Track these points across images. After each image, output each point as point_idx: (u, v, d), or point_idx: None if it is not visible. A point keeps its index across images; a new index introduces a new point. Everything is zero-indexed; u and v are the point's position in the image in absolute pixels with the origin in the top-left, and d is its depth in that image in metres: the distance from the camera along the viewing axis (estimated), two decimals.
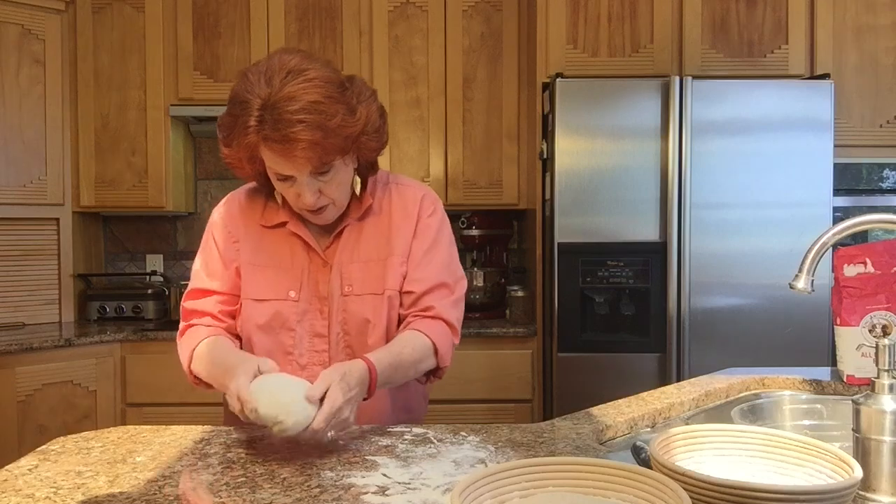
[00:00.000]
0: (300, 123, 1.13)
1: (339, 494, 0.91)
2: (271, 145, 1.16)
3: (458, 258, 1.41)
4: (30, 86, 2.95)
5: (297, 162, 1.17)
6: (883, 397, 0.92)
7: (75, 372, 2.67)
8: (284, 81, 1.15)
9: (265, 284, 1.32)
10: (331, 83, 1.18)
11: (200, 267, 1.37)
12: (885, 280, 1.39)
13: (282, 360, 1.30)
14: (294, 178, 1.22)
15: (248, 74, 1.19)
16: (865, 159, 2.80)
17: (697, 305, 2.53)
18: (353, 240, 1.34)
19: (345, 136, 1.19)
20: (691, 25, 2.76)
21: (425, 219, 1.36)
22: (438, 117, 3.08)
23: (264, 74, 1.17)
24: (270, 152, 1.18)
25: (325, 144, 1.16)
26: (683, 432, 0.92)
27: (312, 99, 1.14)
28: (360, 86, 1.26)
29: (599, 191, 2.54)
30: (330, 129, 1.16)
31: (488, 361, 2.80)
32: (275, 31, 3.05)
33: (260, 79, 1.16)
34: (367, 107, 1.24)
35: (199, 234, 1.42)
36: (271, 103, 1.14)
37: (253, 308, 1.31)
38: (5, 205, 2.90)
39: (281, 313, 1.30)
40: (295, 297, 1.31)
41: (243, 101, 1.17)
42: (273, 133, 1.14)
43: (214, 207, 1.42)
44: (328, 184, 1.23)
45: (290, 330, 1.31)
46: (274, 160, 1.20)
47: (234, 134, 1.20)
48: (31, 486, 0.95)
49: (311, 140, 1.14)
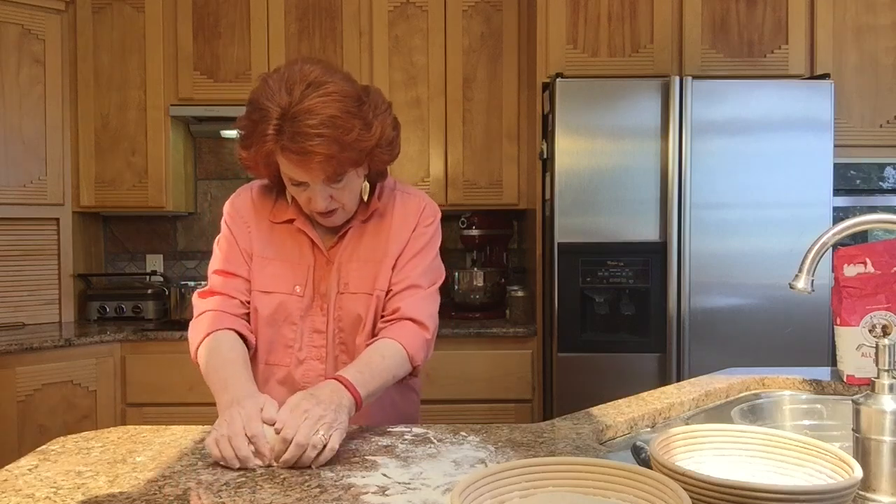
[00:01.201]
0: (318, 137, 1.17)
1: (339, 494, 0.91)
2: (288, 155, 1.21)
3: (440, 260, 1.43)
4: (30, 86, 2.95)
5: (313, 172, 1.22)
6: (883, 397, 0.92)
7: (75, 372, 2.67)
8: (304, 93, 1.18)
9: (273, 277, 1.35)
10: (349, 98, 1.21)
11: (218, 250, 1.40)
12: (885, 280, 1.39)
13: (282, 352, 1.34)
14: (307, 185, 1.26)
15: (269, 81, 1.21)
16: (865, 159, 2.80)
17: (697, 305, 2.53)
18: (356, 240, 1.38)
19: (360, 149, 1.23)
20: (691, 25, 2.76)
21: (422, 227, 1.40)
22: (438, 117, 3.08)
23: (285, 83, 1.19)
24: (287, 161, 1.23)
25: (341, 158, 1.20)
26: (683, 432, 0.92)
27: (330, 113, 1.17)
28: (376, 99, 1.29)
29: (599, 191, 2.54)
30: (346, 144, 1.20)
31: (488, 361, 2.80)
32: (275, 31, 3.05)
33: (281, 87, 1.19)
34: (382, 121, 1.27)
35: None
36: (290, 115, 1.17)
37: (259, 299, 1.35)
38: (5, 205, 2.90)
39: (286, 307, 1.34)
40: (300, 292, 1.34)
41: (263, 108, 1.19)
42: (291, 144, 1.18)
43: (228, 200, 1.45)
44: (340, 191, 1.28)
45: (292, 324, 1.34)
46: (290, 168, 1.24)
47: (252, 140, 1.24)
48: (31, 486, 0.95)
49: (328, 154, 1.18)
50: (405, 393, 1.47)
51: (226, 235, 1.40)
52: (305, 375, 1.34)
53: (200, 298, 1.37)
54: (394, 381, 1.28)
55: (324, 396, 1.10)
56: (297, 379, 1.34)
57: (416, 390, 1.52)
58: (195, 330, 1.33)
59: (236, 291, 1.36)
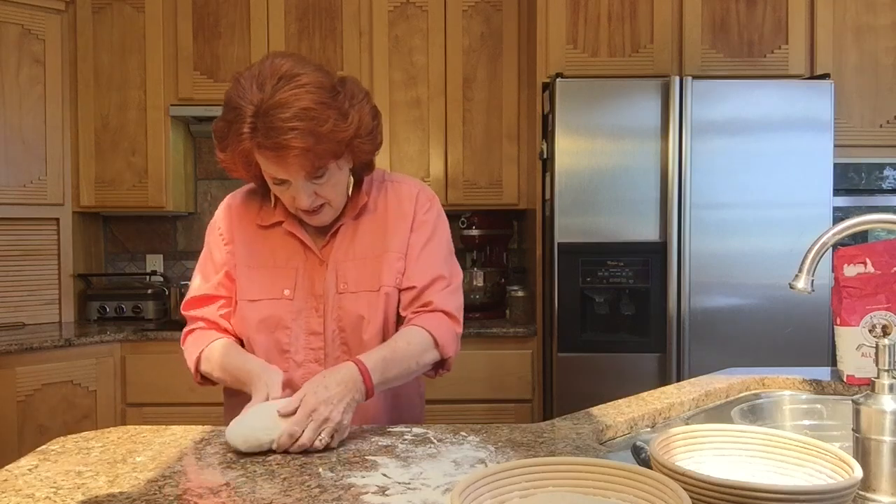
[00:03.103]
0: (292, 131, 1.15)
1: (339, 494, 0.91)
2: (265, 152, 1.19)
3: (454, 253, 1.43)
4: (30, 86, 2.95)
5: (291, 168, 1.20)
6: (883, 397, 0.92)
7: (75, 372, 2.67)
8: (276, 87, 1.16)
9: (259, 285, 1.34)
10: (322, 88, 1.19)
11: (198, 273, 1.42)
12: (885, 280, 1.39)
13: (278, 358, 1.32)
14: (290, 182, 1.24)
15: (241, 80, 1.20)
16: (865, 159, 2.80)
17: (697, 305, 2.53)
18: (349, 238, 1.35)
19: (337, 140, 1.20)
20: (691, 25, 2.76)
21: (422, 215, 1.38)
22: (438, 117, 3.08)
23: (256, 79, 1.18)
24: (264, 158, 1.21)
25: (318, 150, 1.18)
26: (683, 432, 0.92)
27: (304, 105, 1.16)
28: (352, 88, 1.26)
29: (599, 191, 2.54)
30: (322, 135, 1.17)
31: (488, 361, 2.80)
32: (275, 31, 3.05)
33: (252, 84, 1.18)
34: (359, 110, 1.25)
35: (199, 234, 1.45)
36: (263, 110, 1.16)
37: (248, 308, 1.33)
38: (5, 205, 2.90)
39: (276, 312, 1.32)
40: (290, 295, 1.32)
41: (236, 108, 1.18)
42: (266, 140, 1.16)
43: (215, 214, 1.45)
44: (323, 186, 1.26)
45: (285, 328, 1.32)
46: (268, 166, 1.22)
47: (228, 140, 1.22)
48: (31, 486, 0.95)
49: (304, 147, 1.16)
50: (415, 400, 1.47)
51: (208, 256, 1.41)
52: (305, 378, 1.31)
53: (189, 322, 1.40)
54: (419, 368, 1.28)
55: (336, 390, 1.13)
56: (297, 382, 1.32)
57: (422, 395, 1.52)
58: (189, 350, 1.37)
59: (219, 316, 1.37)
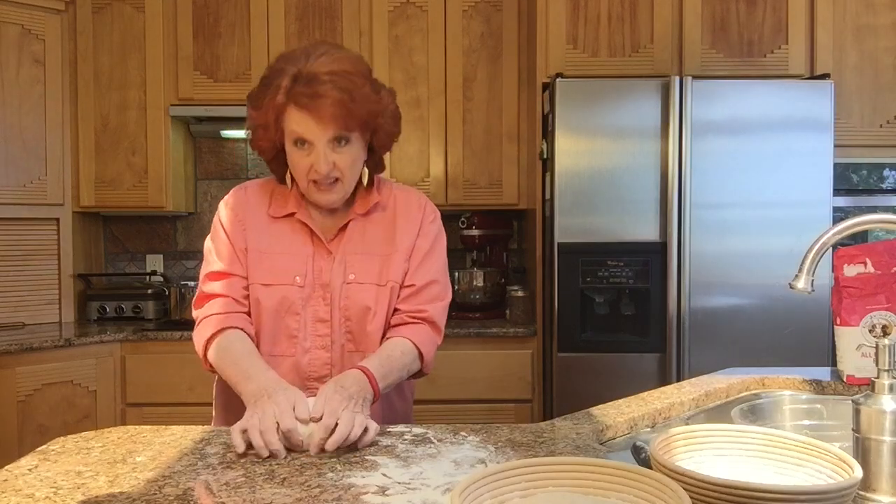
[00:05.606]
0: (330, 82, 1.23)
1: (339, 494, 0.91)
2: (300, 100, 1.24)
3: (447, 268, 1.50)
4: (30, 86, 2.95)
5: (323, 119, 1.25)
6: (883, 397, 0.92)
7: (75, 372, 2.67)
8: (319, 56, 1.27)
9: (272, 270, 1.37)
10: (361, 62, 1.32)
11: (213, 252, 1.41)
12: (885, 280, 1.39)
13: (286, 342, 1.36)
14: (312, 146, 1.28)
15: (285, 54, 1.32)
16: (865, 159, 2.80)
17: (697, 305, 2.53)
18: (359, 233, 1.40)
19: (368, 108, 1.28)
20: (691, 25, 2.76)
21: (428, 224, 1.45)
22: (438, 117, 3.08)
23: (302, 52, 1.29)
24: (297, 112, 1.26)
25: (351, 108, 1.25)
26: (683, 432, 0.92)
27: (344, 68, 1.26)
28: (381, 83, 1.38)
29: (599, 191, 2.54)
30: (356, 96, 1.25)
31: (488, 361, 2.80)
32: (275, 31, 3.05)
33: (297, 54, 1.29)
34: (388, 93, 1.36)
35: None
36: (305, 71, 1.25)
37: (261, 292, 1.36)
38: (5, 205, 2.90)
39: (287, 298, 1.35)
40: (301, 282, 1.36)
41: (279, 70, 1.28)
42: (305, 89, 1.23)
43: (222, 201, 1.45)
44: (343, 156, 1.30)
45: (295, 314, 1.36)
46: (299, 122, 1.26)
47: (264, 95, 1.28)
48: (31, 486, 0.95)
49: (339, 99, 1.23)
50: (402, 392, 1.49)
51: (220, 236, 1.40)
52: (311, 364, 1.36)
53: (200, 304, 1.38)
54: (406, 376, 1.37)
55: (353, 391, 1.17)
56: (303, 367, 1.36)
57: (411, 389, 1.55)
58: (200, 334, 1.35)
59: (237, 292, 1.37)
